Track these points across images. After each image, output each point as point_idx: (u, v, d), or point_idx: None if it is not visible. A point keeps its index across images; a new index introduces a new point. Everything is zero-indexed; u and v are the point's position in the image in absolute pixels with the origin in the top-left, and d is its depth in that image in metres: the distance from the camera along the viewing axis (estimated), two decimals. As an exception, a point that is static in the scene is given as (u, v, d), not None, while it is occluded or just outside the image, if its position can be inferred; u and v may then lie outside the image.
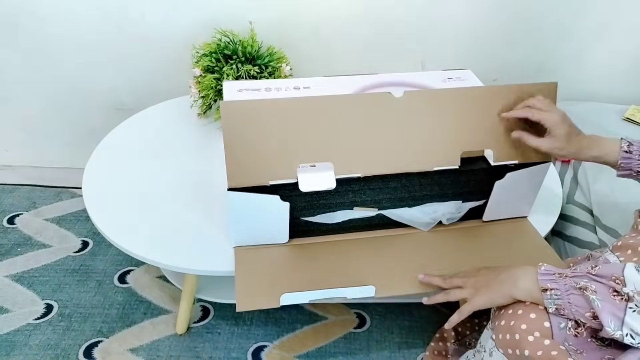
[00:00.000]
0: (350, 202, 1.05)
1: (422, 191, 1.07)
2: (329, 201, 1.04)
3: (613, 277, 0.74)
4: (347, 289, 0.98)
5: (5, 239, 1.54)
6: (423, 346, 1.28)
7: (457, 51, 1.50)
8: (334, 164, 0.97)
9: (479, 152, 1.06)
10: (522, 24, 1.45)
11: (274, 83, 1.17)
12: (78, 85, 1.59)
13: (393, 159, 1.01)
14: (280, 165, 0.95)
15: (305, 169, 0.97)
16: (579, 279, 0.77)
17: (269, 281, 1.00)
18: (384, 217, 1.09)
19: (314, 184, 0.96)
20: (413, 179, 1.04)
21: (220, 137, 0.96)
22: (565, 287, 0.77)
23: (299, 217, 1.05)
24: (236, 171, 0.94)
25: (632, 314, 0.71)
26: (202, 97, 1.35)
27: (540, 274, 0.80)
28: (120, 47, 1.50)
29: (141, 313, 1.34)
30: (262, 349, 1.27)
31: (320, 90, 1.14)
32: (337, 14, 1.43)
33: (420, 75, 1.23)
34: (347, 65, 1.51)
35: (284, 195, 0.99)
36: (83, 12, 1.45)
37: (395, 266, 1.04)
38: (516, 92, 1.02)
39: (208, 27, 1.39)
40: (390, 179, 1.03)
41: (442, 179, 1.06)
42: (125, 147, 1.32)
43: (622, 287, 0.73)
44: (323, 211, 1.05)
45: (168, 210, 1.15)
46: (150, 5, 1.43)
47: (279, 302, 0.95)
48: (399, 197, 1.07)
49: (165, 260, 1.06)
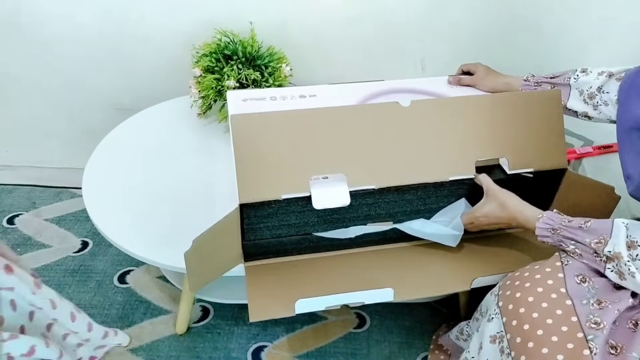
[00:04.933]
0: (365, 216, 1.02)
1: (439, 203, 1.04)
2: (342, 215, 1.00)
3: (601, 237, 0.81)
4: (364, 293, 0.94)
5: (5, 239, 1.54)
6: (423, 346, 1.28)
7: (456, 52, 1.50)
8: (347, 176, 0.95)
9: (494, 161, 1.04)
10: (521, 24, 1.45)
11: (279, 92, 1.16)
12: (78, 86, 1.59)
13: (407, 170, 0.98)
14: (292, 178, 0.93)
15: (318, 181, 0.95)
16: (571, 233, 0.85)
17: (282, 290, 0.97)
18: (399, 230, 1.05)
19: (327, 201, 0.93)
20: (429, 190, 1.01)
21: (220, 137, 0.96)
22: (558, 243, 0.88)
23: (311, 232, 1.02)
24: (248, 186, 0.92)
25: (611, 273, 0.81)
26: (202, 97, 1.35)
27: (538, 228, 0.90)
28: (121, 47, 1.50)
29: (141, 313, 1.34)
30: (262, 349, 1.27)
31: (326, 98, 1.13)
32: (336, 15, 1.43)
33: (426, 81, 1.23)
34: (346, 66, 1.51)
35: (296, 210, 0.97)
36: (83, 13, 1.45)
37: (413, 270, 1.02)
38: (523, 99, 1.02)
39: (208, 28, 1.39)
40: (406, 190, 1.00)
41: (459, 190, 1.03)
42: (125, 147, 1.32)
43: (603, 248, 0.80)
44: (336, 226, 1.02)
45: (168, 210, 1.15)
46: (150, 6, 1.43)
47: (294, 310, 0.92)
48: (416, 209, 1.04)
49: (165, 260, 1.06)
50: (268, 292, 0.97)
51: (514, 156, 1.02)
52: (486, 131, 1.01)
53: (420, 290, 0.99)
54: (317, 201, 0.93)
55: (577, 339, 0.75)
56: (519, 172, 1.03)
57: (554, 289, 0.81)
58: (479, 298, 0.99)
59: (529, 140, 1.03)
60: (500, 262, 1.04)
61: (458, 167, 1.00)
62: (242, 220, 0.96)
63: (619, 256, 0.78)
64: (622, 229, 0.80)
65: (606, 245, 0.80)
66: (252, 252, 1.03)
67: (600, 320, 0.77)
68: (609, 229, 0.81)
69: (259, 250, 1.03)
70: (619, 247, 0.79)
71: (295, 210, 0.96)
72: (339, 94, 1.16)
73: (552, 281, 0.82)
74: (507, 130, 1.02)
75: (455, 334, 1.11)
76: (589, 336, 0.75)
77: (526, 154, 1.02)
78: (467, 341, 1.01)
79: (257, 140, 0.92)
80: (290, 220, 0.99)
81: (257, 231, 0.99)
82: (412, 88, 1.20)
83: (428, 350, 1.26)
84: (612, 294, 0.81)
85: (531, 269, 0.87)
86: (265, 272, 1.02)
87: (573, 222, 0.86)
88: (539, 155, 1.03)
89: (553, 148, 1.04)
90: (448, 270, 1.03)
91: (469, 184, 1.02)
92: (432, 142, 0.99)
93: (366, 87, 1.18)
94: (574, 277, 0.83)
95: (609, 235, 0.80)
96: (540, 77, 1.12)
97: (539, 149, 1.03)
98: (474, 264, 1.03)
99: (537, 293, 0.81)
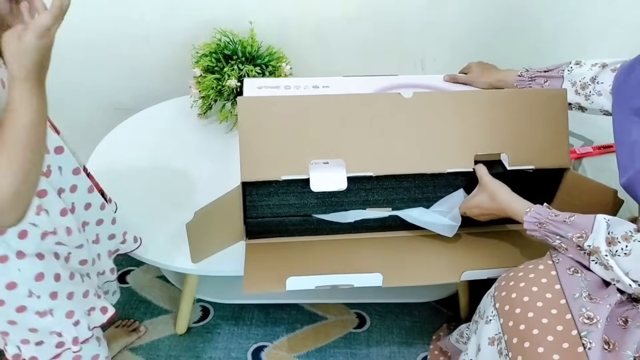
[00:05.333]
0: (363, 200, 1.04)
1: (437, 192, 1.05)
2: (341, 199, 1.03)
3: (583, 232, 0.83)
4: (353, 276, 0.98)
5: (5, 239, 1.54)
6: (423, 346, 1.28)
7: (456, 51, 1.50)
8: (346, 161, 0.98)
9: (495, 156, 1.05)
10: (521, 24, 1.45)
11: (294, 81, 1.18)
12: (78, 86, 1.59)
13: (406, 159, 1.00)
14: (293, 161, 0.96)
15: (318, 165, 0.97)
16: (556, 227, 0.87)
17: (276, 267, 1.01)
18: (398, 218, 1.07)
19: (325, 184, 0.97)
20: (427, 179, 1.03)
21: (221, 138, 0.96)
22: (544, 236, 0.89)
23: (311, 214, 1.05)
24: (250, 165, 0.96)
25: (595, 265, 0.83)
26: (202, 97, 1.35)
27: (526, 222, 0.91)
28: (120, 47, 1.50)
29: (141, 313, 1.34)
30: (262, 349, 1.27)
31: (338, 90, 1.15)
32: (336, 14, 1.43)
33: (437, 77, 1.24)
34: (346, 65, 1.50)
35: (295, 191, 1.00)
36: (83, 13, 1.44)
37: (406, 258, 1.05)
38: (527, 96, 1.02)
39: (208, 28, 1.39)
40: (404, 179, 1.02)
41: (457, 181, 1.04)
42: (124, 147, 1.32)
43: (584, 242, 0.82)
44: (335, 209, 1.05)
45: (168, 210, 1.15)
46: (150, 6, 1.43)
47: (285, 287, 0.95)
48: (413, 197, 1.05)
49: (165, 260, 1.06)
50: (263, 267, 1.01)
51: (514, 152, 1.02)
52: (488, 126, 1.02)
53: (409, 279, 1.01)
54: (315, 184, 0.96)
55: (572, 337, 0.76)
56: (519, 168, 1.03)
57: (549, 288, 0.82)
58: (479, 299, 0.99)
59: (532, 137, 1.03)
60: (493, 257, 1.05)
61: (457, 159, 1.01)
62: (245, 198, 1.00)
63: (598, 250, 0.80)
64: (603, 224, 0.81)
65: (586, 240, 0.82)
66: (254, 231, 1.07)
67: (593, 315, 0.77)
68: (590, 223, 0.83)
69: (262, 229, 1.07)
70: (598, 242, 0.80)
71: (295, 191, 1.00)
72: (352, 86, 1.17)
73: (546, 279, 0.83)
74: (509, 126, 1.02)
75: (456, 337, 1.11)
76: (583, 332, 0.76)
77: (527, 151, 1.03)
78: (467, 344, 1.01)
79: (261, 122, 0.96)
80: (289, 200, 1.02)
81: (259, 209, 1.02)
82: (425, 84, 1.20)
83: (428, 350, 1.26)
84: (601, 290, 0.83)
85: (525, 268, 0.87)
86: (265, 249, 1.06)
87: (559, 216, 0.88)
88: (540, 153, 1.03)
89: (556, 147, 1.04)
90: (440, 261, 1.05)
91: (467, 175, 1.04)
92: (432, 133, 1.01)
93: (380, 81, 1.20)
94: (566, 270, 0.84)
95: (590, 230, 0.82)
96: (534, 72, 1.12)
97: (541, 146, 1.04)
98: (466, 257, 1.05)
99: (532, 292, 0.82)
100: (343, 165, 0.97)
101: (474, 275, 1.02)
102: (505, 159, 1.04)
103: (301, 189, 0.99)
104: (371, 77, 1.20)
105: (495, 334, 0.84)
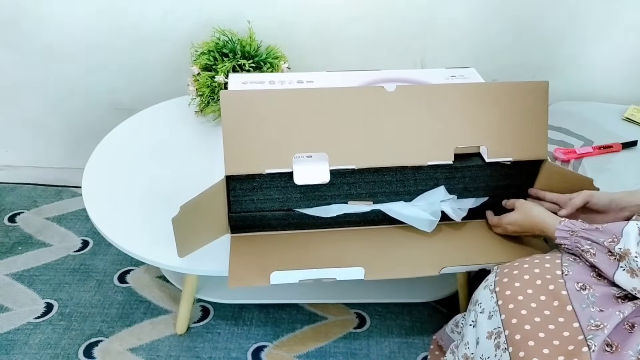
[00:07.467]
0: (346, 194, 1.06)
1: (418, 186, 1.07)
2: (323, 193, 1.05)
3: (614, 236, 0.85)
4: (336, 270, 0.99)
5: (6, 238, 1.54)
6: (423, 346, 1.28)
7: (456, 51, 1.50)
8: (329, 155, 0.99)
9: (474, 149, 1.07)
10: (521, 24, 1.45)
11: (278, 77, 1.18)
12: (78, 86, 1.59)
13: (387, 153, 1.02)
14: (276, 154, 0.98)
15: (302, 159, 0.99)
16: (587, 234, 0.89)
17: (261, 262, 1.02)
18: (380, 213, 1.09)
19: (308, 177, 0.98)
20: (408, 173, 1.05)
21: (220, 137, 0.96)
22: (574, 244, 0.90)
23: (294, 208, 1.06)
24: (234, 159, 0.97)
25: (621, 272, 0.83)
26: (199, 95, 1.35)
27: (558, 230, 0.94)
28: (120, 47, 1.50)
29: (141, 313, 1.35)
30: (262, 349, 1.27)
31: (323, 85, 1.15)
32: (336, 14, 1.43)
33: (423, 72, 1.24)
34: (346, 65, 1.50)
35: (279, 185, 1.01)
36: (82, 13, 1.45)
37: (387, 252, 1.06)
38: (508, 90, 1.04)
39: (207, 27, 1.39)
40: (385, 172, 1.04)
41: (437, 174, 1.07)
42: (125, 147, 1.32)
43: (615, 246, 0.84)
44: (318, 203, 1.06)
45: (168, 210, 1.15)
46: (150, 6, 1.43)
47: (269, 281, 0.97)
48: (395, 191, 1.07)
49: (165, 260, 1.06)
50: (248, 262, 1.02)
51: (493, 145, 1.05)
52: (468, 119, 1.04)
53: (390, 272, 1.03)
54: (298, 177, 0.98)
55: (578, 341, 0.77)
56: (497, 160, 1.06)
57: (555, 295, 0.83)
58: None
59: (511, 130, 1.06)
60: (471, 252, 1.07)
61: (437, 152, 1.03)
62: (229, 192, 1.02)
63: (628, 253, 0.82)
64: (635, 228, 0.84)
65: (618, 243, 0.84)
66: (238, 225, 1.08)
67: (600, 322, 0.78)
68: (620, 228, 0.85)
69: (245, 224, 1.08)
70: (628, 245, 0.82)
71: (278, 186, 1.01)
72: (336, 81, 1.18)
73: (553, 286, 0.84)
74: (489, 119, 1.05)
75: (451, 326, 1.12)
76: (589, 336, 0.77)
77: (506, 144, 1.05)
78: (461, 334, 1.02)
79: (245, 116, 0.97)
80: (273, 195, 1.03)
81: (243, 203, 1.04)
82: (411, 79, 1.20)
83: (428, 350, 1.26)
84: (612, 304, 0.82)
85: (530, 269, 0.88)
86: (249, 244, 1.07)
87: (592, 225, 0.91)
88: (518, 145, 1.05)
89: (534, 139, 1.07)
90: (421, 255, 1.07)
91: (446, 168, 1.06)
92: (413, 127, 1.03)
93: (364, 76, 1.20)
94: (574, 284, 0.85)
95: (621, 234, 0.85)
96: None
97: (519, 139, 1.06)
98: (446, 252, 1.07)
99: (540, 301, 0.83)
100: (326, 159, 0.99)
101: (453, 271, 1.05)
102: (484, 152, 1.06)
103: (285, 183, 1.01)
104: (355, 72, 1.21)
105: (494, 328, 0.85)
